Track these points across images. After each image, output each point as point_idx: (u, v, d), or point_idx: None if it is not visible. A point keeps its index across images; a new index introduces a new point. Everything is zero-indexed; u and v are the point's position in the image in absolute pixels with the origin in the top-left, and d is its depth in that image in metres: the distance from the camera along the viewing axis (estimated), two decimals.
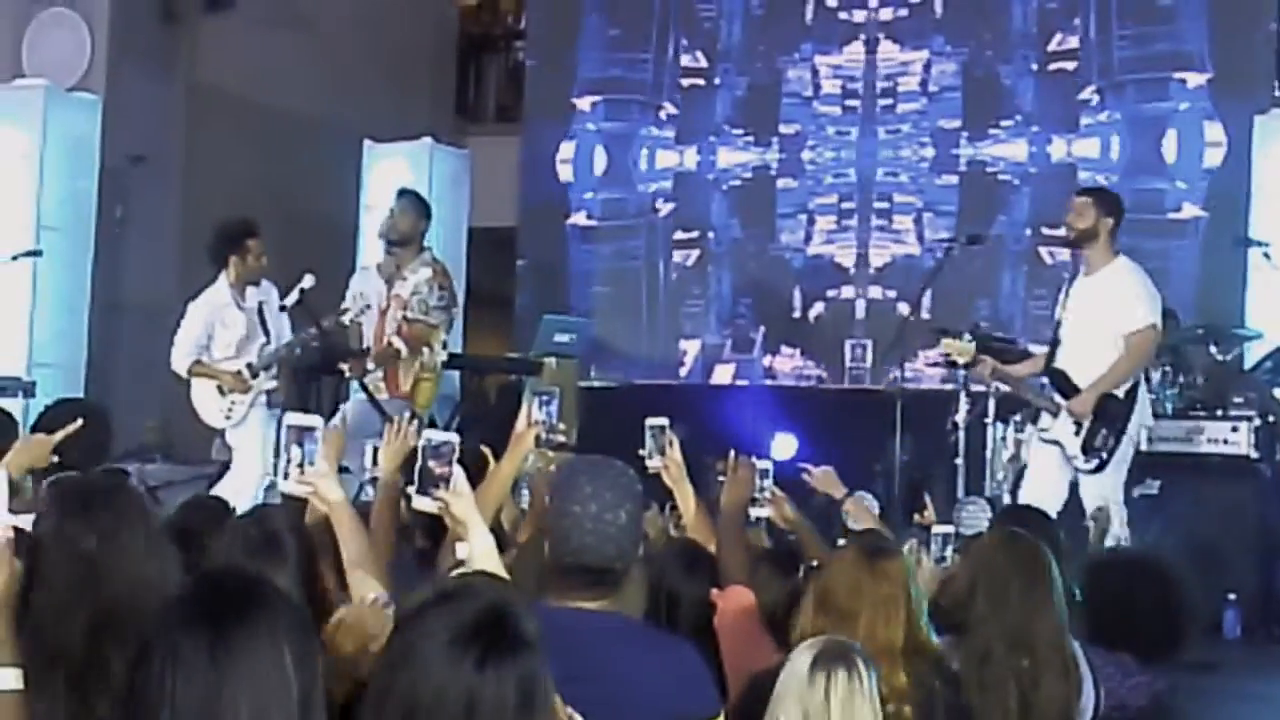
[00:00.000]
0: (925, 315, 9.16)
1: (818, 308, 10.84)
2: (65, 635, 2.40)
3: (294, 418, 3.03)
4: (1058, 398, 6.28)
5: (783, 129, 11.04)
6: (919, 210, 10.54)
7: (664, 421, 3.94)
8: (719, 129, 11.27)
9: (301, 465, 2.99)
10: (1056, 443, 6.26)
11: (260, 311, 7.27)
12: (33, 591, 2.41)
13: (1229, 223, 9.04)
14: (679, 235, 11.32)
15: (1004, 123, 10.39)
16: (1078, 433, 6.19)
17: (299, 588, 3.00)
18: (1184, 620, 4.04)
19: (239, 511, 3.68)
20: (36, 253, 8.69)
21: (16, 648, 2.35)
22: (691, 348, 11.19)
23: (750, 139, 11.17)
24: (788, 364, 10.91)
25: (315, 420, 3.05)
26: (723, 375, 10.98)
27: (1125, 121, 10.07)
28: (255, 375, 7.20)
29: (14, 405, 7.40)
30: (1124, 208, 6.48)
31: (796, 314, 10.90)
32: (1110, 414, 6.20)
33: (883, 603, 3.12)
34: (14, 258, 8.56)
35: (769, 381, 10.79)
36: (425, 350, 7.47)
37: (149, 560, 2.52)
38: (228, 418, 7.24)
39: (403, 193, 7.94)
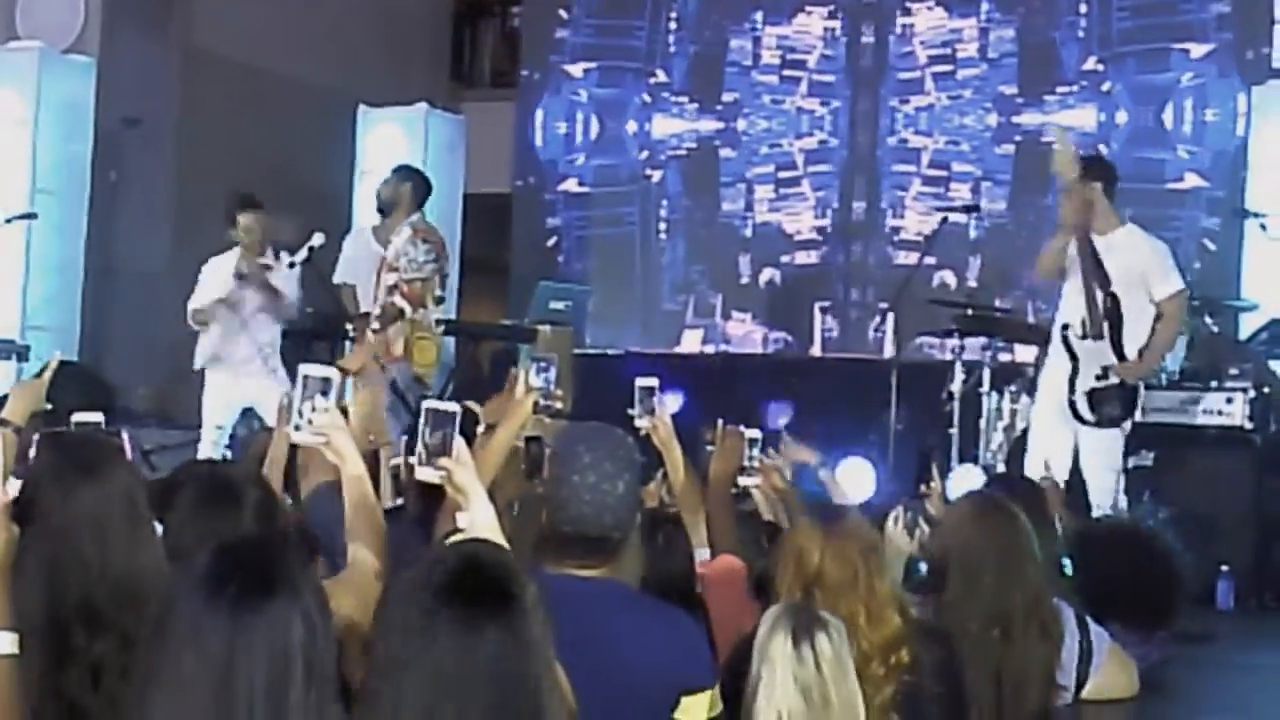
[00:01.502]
0: (972, 284, 9.32)
1: (768, 273, 10.88)
2: (36, 607, 2.39)
3: (311, 368, 2.90)
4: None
5: (726, 97, 11.11)
6: (977, 179, 10.44)
7: (654, 382, 3.87)
8: (663, 96, 11.33)
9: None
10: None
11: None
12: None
13: (1226, 194, 9.02)
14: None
15: (1060, 89, 10.33)
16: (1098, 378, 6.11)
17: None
18: (1176, 593, 4.04)
19: None
20: (31, 216, 8.66)
21: (11, 612, 2.34)
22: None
23: (696, 106, 11.24)
24: (740, 329, 10.99)
25: (331, 371, 2.98)
26: (692, 340, 11.05)
27: (1127, 91, 10.04)
28: None
29: (7, 368, 7.40)
30: (1114, 173, 6.44)
31: (745, 280, 10.98)
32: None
33: (874, 569, 3.04)
34: (8, 221, 8.52)
35: (725, 347, 10.91)
36: (420, 309, 7.57)
37: (130, 544, 2.50)
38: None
39: (395, 170, 8.18)
